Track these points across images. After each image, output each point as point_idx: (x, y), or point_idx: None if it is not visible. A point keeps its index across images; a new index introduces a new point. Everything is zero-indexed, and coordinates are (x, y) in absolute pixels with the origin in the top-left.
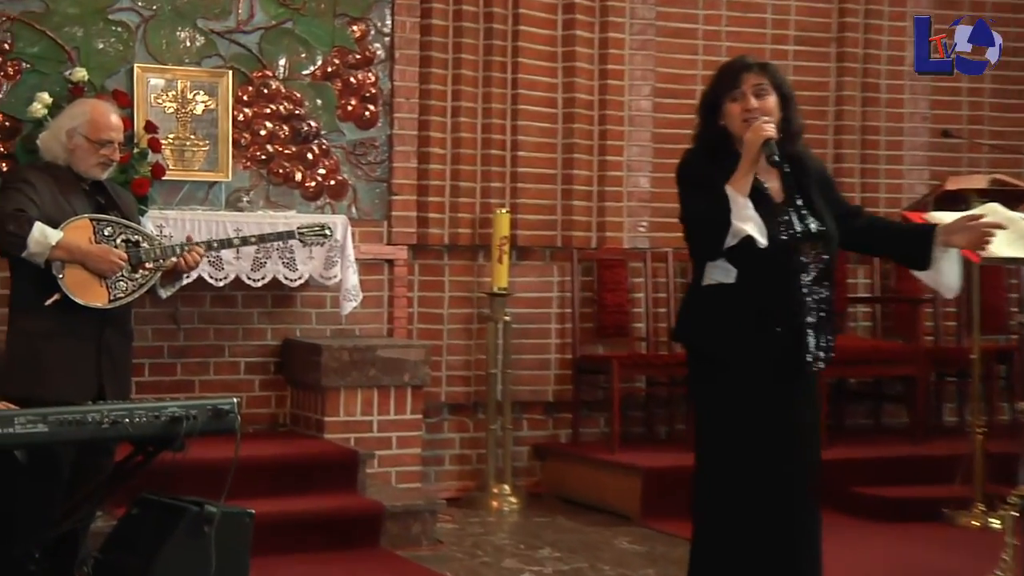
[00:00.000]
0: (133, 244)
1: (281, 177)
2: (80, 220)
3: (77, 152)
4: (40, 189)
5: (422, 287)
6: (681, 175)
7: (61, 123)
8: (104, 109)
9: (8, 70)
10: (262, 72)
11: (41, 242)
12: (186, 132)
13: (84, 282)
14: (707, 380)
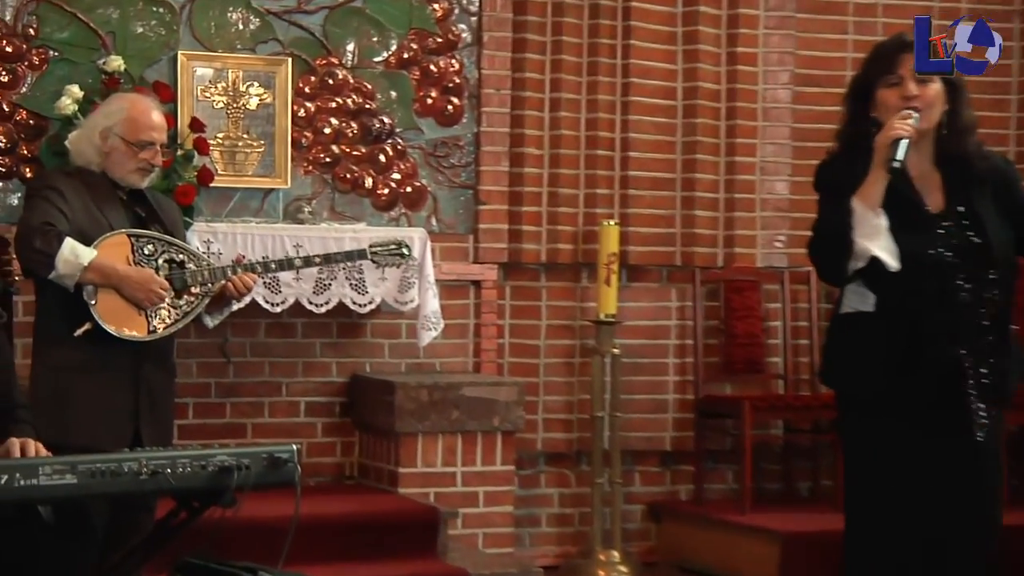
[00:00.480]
0: (177, 265)
1: (348, 183)
2: (116, 236)
3: (113, 156)
4: (70, 198)
5: (515, 313)
6: (819, 180)
7: (94, 122)
8: (144, 106)
9: (33, 59)
10: (327, 59)
11: (72, 262)
12: (238, 131)
13: (120, 310)
14: (852, 427)
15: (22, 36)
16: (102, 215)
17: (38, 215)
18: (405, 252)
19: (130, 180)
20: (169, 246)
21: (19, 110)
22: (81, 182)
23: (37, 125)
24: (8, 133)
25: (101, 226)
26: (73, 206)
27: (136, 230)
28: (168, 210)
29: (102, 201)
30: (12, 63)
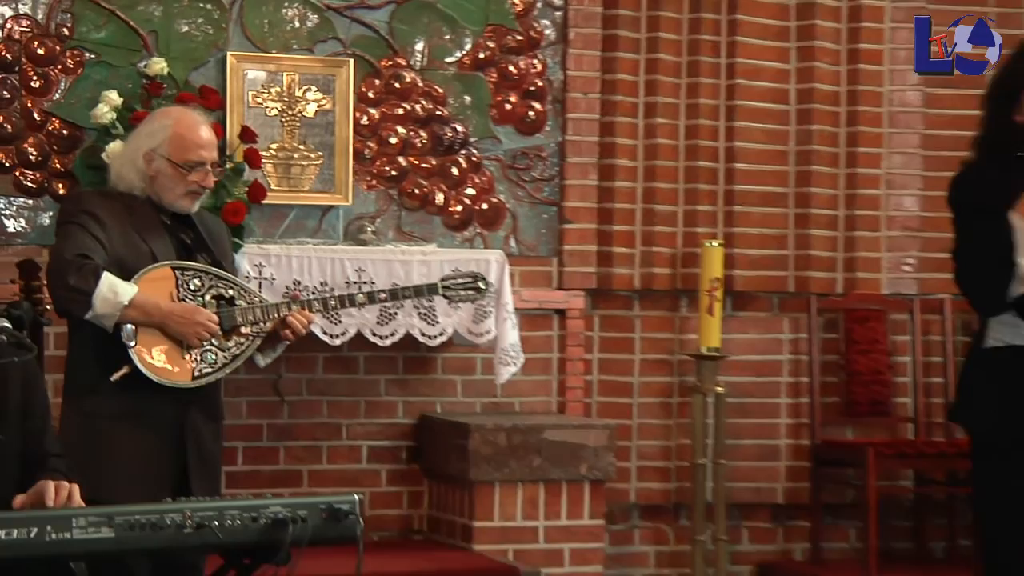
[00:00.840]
0: (226, 301)
1: (417, 200)
2: (160, 269)
3: (159, 180)
4: (108, 224)
5: (604, 347)
6: (954, 195)
7: (136, 143)
8: (191, 121)
9: (67, 62)
10: (393, 60)
11: (111, 300)
12: (294, 141)
13: (163, 352)
14: (991, 477)
15: (55, 36)
16: (144, 243)
17: (72, 245)
18: (482, 287)
19: (180, 205)
20: (217, 280)
21: (51, 119)
22: (121, 204)
23: (71, 136)
24: (39, 145)
25: (142, 256)
26: (111, 233)
27: (181, 262)
28: (216, 234)
29: (144, 226)
30: (44, 67)
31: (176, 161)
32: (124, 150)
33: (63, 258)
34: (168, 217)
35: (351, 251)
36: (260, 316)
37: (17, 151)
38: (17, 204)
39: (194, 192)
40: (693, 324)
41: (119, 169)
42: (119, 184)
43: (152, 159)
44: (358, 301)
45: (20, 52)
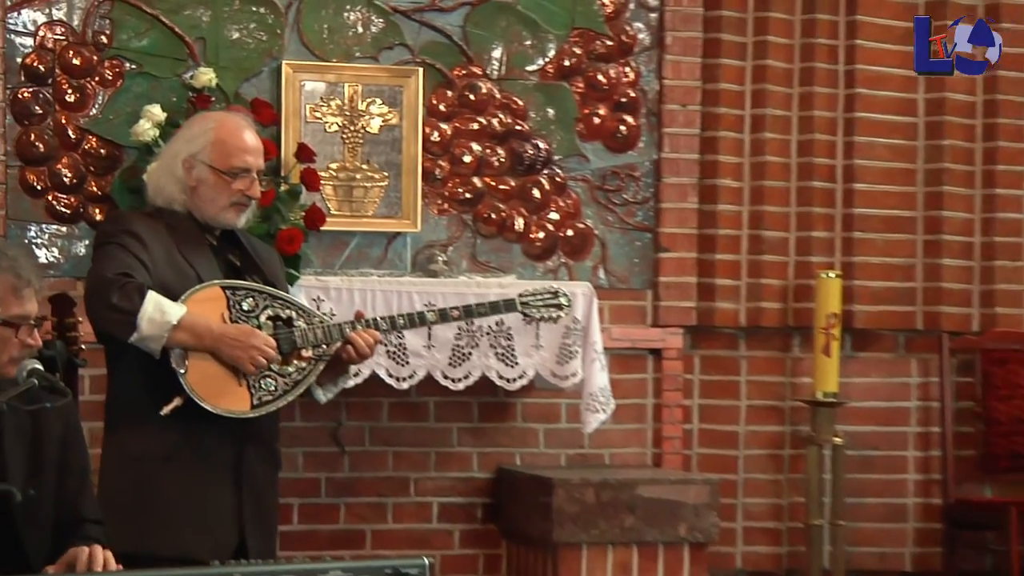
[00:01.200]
0: (284, 322)
1: (494, 225)
2: (208, 289)
3: (200, 190)
4: (151, 245)
5: (706, 391)
6: None
7: (175, 150)
8: (234, 124)
9: (105, 73)
10: (467, 69)
11: (157, 321)
12: (356, 160)
13: (216, 379)
14: None
15: (92, 45)
16: (189, 265)
17: (113, 265)
18: (564, 302)
19: (224, 219)
20: (273, 300)
21: (88, 137)
22: (163, 224)
23: (109, 155)
24: (74, 165)
25: (188, 279)
26: (154, 254)
27: (232, 281)
28: (268, 260)
29: (188, 247)
30: (80, 78)
31: (219, 168)
32: (161, 160)
33: (104, 277)
34: (214, 237)
35: (420, 283)
36: (322, 337)
37: (50, 172)
38: (49, 232)
39: (239, 203)
40: (807, 366)
41: (156, 181)
42: (157, 198)
43: (192, 166)
44: (428, 319)
45: (54, 63)
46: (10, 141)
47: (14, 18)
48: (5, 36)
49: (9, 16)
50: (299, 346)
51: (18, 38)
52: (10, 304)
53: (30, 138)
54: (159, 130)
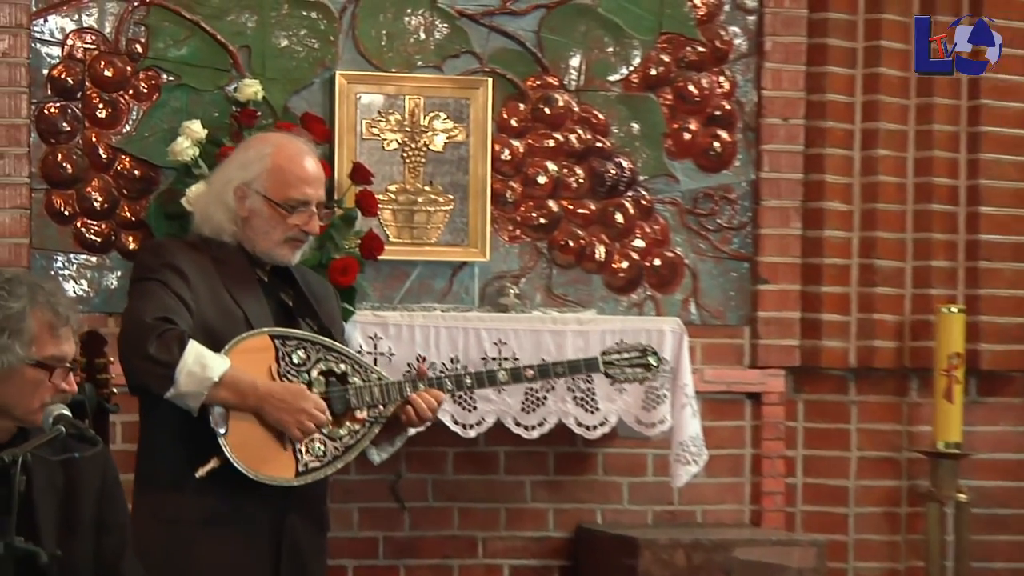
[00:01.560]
0: (337, 379)
1: (572, 254)
2: (256, 338)
3: (253, 221)
4: (195, 281)
5: (811, 440)
6: None
7: (226, 176)
8: (294, 150)
9: (140, 86)
10: (542, 79)
11: (197, 376)
12: (418, 181)
13: (259, 442)
14: None
15: (126, 55)
16: (236, 305)
17: (151, 306)
18: (653, 363)
19: (277, 255)
20: (327, 352)
21: (120, 156)
22: (208, 255)
23: (144, 176)
24: (105, 188)
25: (235, 321)
26: (198, 292)
27: (283, 330)
28: (323, 296)
29: (236, 284)
30: (112, 92)
31: (275, 199)
32: (211, 185)
33: (141, 321)
34: (265, 273)
35: (489, 319)
36: (378, 397)
37: (79, 196)
38: (78, 262)
39: (295, 239)
40: (926, 413)
41: (204, 208)
42: (204, 227)
43: (245, 195)
44: (499, 379)
45: (83, 74)
46: (35, 161)
47: (40, 25)
48: (30, 45)
49: (34, 23)
50: (353, 407)
51: (44, 47)
52: (46, 344)
53: (57, 158)
54: (199, 149)
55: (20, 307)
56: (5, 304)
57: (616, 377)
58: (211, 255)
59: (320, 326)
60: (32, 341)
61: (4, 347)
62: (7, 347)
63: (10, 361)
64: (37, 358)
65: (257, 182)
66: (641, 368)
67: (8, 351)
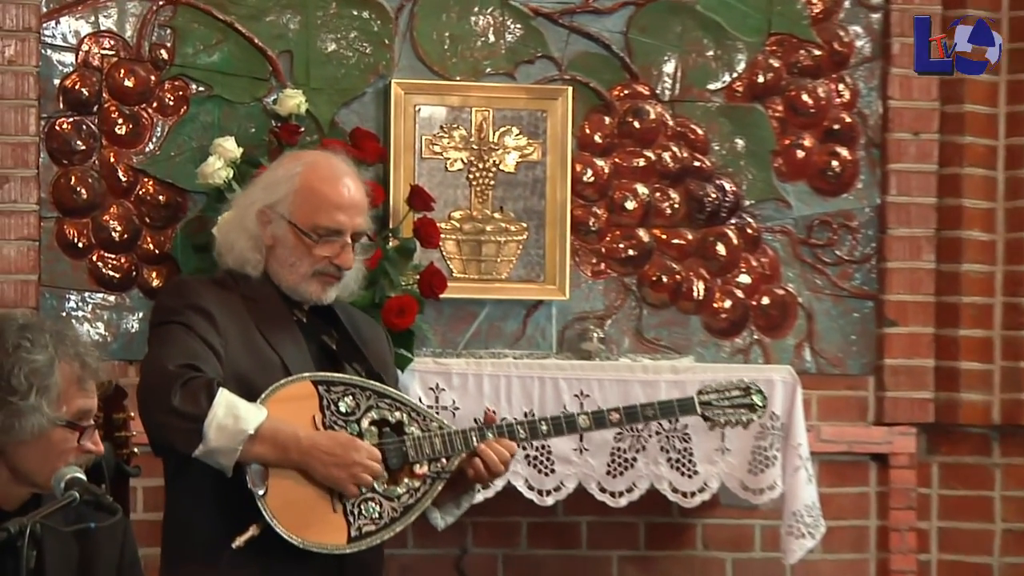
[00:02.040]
0: (392, 428)
1: (666, 291)
2: (296, 385)
3: (278, 252)
4: (223, 323)
5: (948, 510)
6: None
7: (251, 196)
8: (328, 169)
9: (164, 98)
10: (631, 88)
11: (229, 429)
12: (486, 207)
13: (304, 503)
14: None
15: (149, 62)
16: (272, 350)
17: (175, 352)
18: (758, 402)
19: (305, 292)
20: (379, 399)
21: (142, 179)
22: (239, 297)
23: (170, 203)
24: (125, 217)
25: (271, 368)
26: (228, 336)
27: (327, 375)
28: (374, 342)
29: (271, 326)
30: (133, 105)
31: (300, 225)
32: (235, 207)
33: (164, 370)
34: (303, 313)
35: (569, 368)
36: (440, 449)
37: (95, 226)
38: (93, 302)
39: (325, 274)
40: None
41: (226, 235)
42: (227, 257)
43: (268, 219)
44: (580, 425)
45: (100, 84)
46: (45, 186)
47: (51, 28)
48: (39, 51)
49: (44, 26)
50: (411, 460)
51: (56, 54)
52: (74, 398)
53: (70, 182)
54: (233, 170)
55: (46, 359)
56: (29, 356)
57: (715, 420)
58: (240, 292)
59: (369, 371)
60: (60, 398)
61: (32, 408)
62: (35, 408)
63: (39, 424)
64: (68, 418)
65: (282, 205)
66: (744, 409)
67: (36, 412)
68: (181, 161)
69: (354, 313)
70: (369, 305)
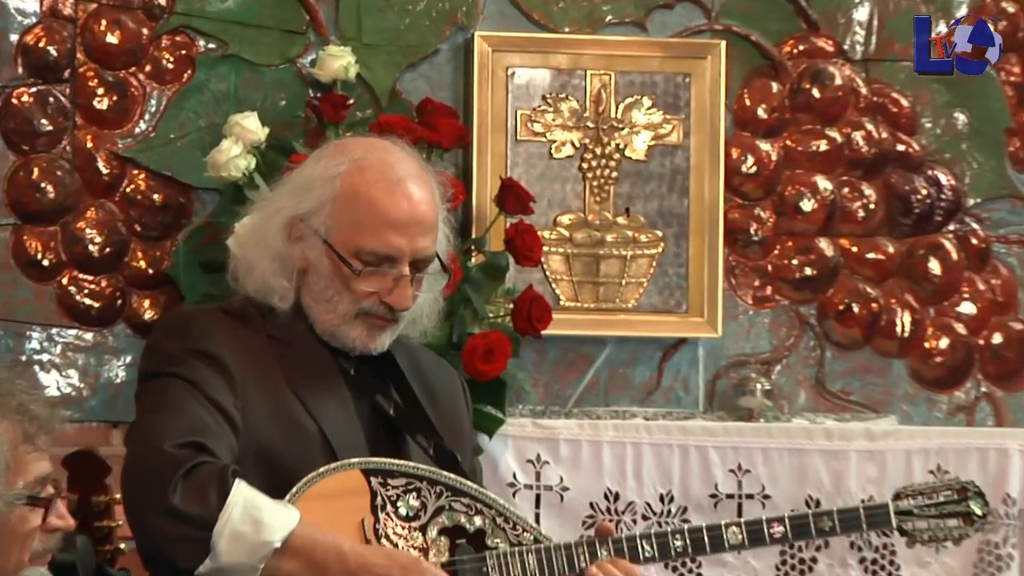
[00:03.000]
0: (469, 540)
1: (857, 325)
2: (342, 474)
3: (311, 280)
4: (241, 376)
5: None
6: None
7: (278, 201)
8: (383, 168)
9: (161, 59)
10: (808, 42)
11: (248, 539)
12: (606, 208)
13: None
14: None
15: (141, 10)
16: (307, 414)
17: (175, 424)
18: (977, 512)
19: (344, 338)
20: (452, 496)
21: (131, 172)
22: (263, 338)
23: (168, 204)
24: (107, 224)
25: (306, 442)
26: (247, 393)
27: (383, 461)
28: (446, 395)
29: (308, 379)
30: (118, 69)
31: (339, 248)
32: (257, 212)
33: (158, 450)
34: (351, 362)
35: (723, 432)
36: (535, 570)
37: (66, 236)
38: (64, 341)
39: (373, 316)
40: None
41: (245, 251)
42: (246, 282)
43: (300, 235)
44: (729, 542)
45: (73, 41)
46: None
47: None
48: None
49: None
50: None
51: (13, 1)
52: (27, 464)
53: (31, 176)
54: (256, 159)
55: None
56: None
57: (917, 537)
58: (266, 332)
59: (439, 448)
60: (9, 469)
61: None
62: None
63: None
64: (27, 491)
65: (317, 217)
66: (958, 521)
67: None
68: (184, 147)
69: (422, 357)
70: (445, 346)
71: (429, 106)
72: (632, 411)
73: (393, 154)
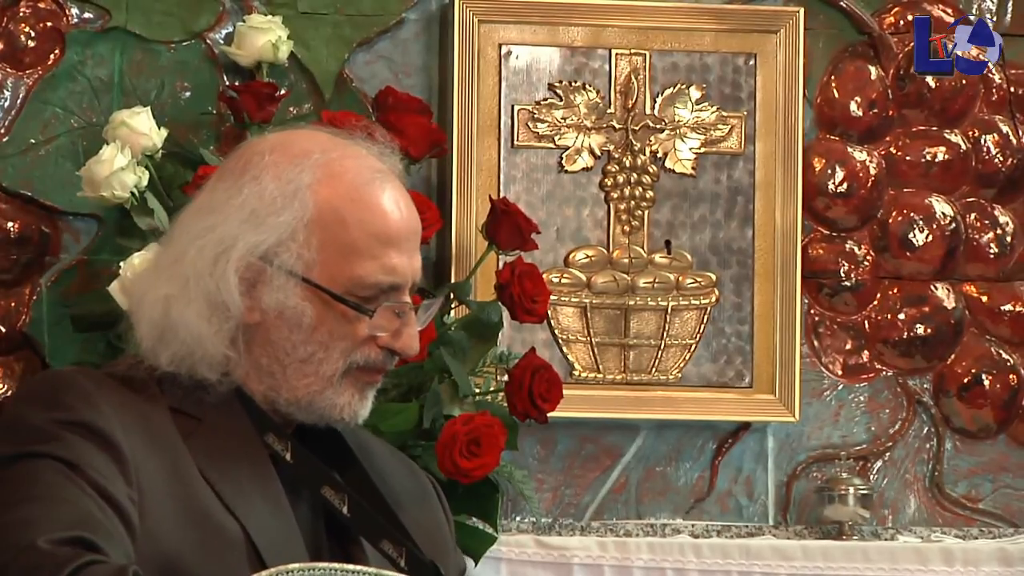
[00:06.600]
0: None
1: (986, 402)
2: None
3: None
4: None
5: None
6: None
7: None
8: (357, 168)
9: (18, 35)
10: (919, 8)
11: None
12: (637, 242)
13: None
14: None
15: None
16: (227, 512)
17: (50, 515)
18: None
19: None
20: None
21: None
22: (165, 408)
23: (27, 234)
24: None
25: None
26: (144, 482)
27: (330, 567)
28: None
29: (227, 466)
30: None
31: (330, 285)
32: (175, 254)
33: (29, 548)
34: (283, 442)
35: (801, 552)
36: None
37: None
38: None
39: (368, 370)
40: None
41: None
42: (159, 351)
43: (261, 279)
44: None
45: None
46: None
47: None
48: None
49: None
50: None
51: None
52: None
53: None
54: (150, 172)
55: None
56: None
57: None
58: (169, 404)
59: (414, 559)
60: None
61: None
62: None
63: None
64: None
65: (287, 249)
66: None
67: None
68: (49, 156)
69: (375, 448)
70: (410, 434)
71: (391, 99)
72: (675, 525)
73: (347, 147)
